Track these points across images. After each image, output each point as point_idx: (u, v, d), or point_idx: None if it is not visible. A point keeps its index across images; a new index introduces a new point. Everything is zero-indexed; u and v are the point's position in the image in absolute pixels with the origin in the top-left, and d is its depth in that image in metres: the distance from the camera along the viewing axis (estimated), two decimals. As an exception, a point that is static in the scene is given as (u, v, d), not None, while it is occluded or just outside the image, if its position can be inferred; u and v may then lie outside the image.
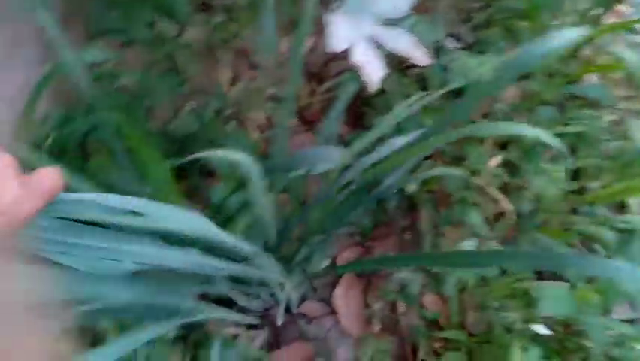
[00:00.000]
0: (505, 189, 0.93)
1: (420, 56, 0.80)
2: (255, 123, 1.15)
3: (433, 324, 0.94)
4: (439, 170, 0.89)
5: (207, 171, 1.12)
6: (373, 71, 0.74)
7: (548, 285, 0.77)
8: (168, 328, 0.77)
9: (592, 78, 1.07)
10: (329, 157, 0.70)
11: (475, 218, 0.80)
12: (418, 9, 0.91)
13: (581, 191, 0.88)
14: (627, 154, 0.86)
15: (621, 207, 0.88)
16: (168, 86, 1.05)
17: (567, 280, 0.80)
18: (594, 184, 0.85)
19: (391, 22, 0.82)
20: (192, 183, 1.07)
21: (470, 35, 1.06)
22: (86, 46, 1.03)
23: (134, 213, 0.47)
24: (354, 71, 0.73)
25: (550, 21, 0.97)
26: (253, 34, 1.21)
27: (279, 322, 0.88)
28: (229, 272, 0.71)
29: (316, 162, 0.72)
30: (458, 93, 1.00)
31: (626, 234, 0.70)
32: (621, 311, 0.86)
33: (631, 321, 0.84)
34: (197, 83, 1.14)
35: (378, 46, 0.79)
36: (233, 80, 1.18)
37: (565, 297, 0.75)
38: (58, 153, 0.96)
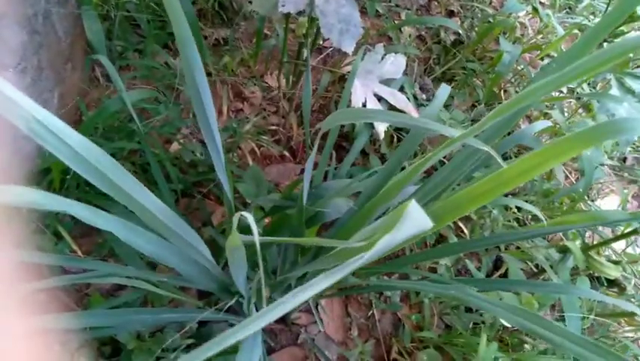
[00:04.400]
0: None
1: (411, 110, 1.00)
2: (245, 152, 1.28)
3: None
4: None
5: (208, 193, 1.23)
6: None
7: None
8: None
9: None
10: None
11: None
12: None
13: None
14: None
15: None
16: (173, 115, 1.16)
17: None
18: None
19: (387, 82, 1.02)
20: (193, 203, 1.18)
21: (433, 87, 1.28)
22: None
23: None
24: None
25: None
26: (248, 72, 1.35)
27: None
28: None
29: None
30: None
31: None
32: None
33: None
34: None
35: (380, 100, 0.98)
36: (227, 112, 1.30)
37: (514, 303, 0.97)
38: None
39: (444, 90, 0.75)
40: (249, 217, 0.31)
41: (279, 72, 1.29)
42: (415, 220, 0.26)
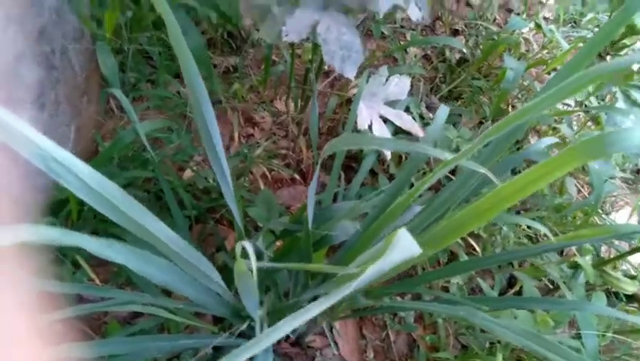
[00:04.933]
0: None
1: (417, 130, 1.01)
2: (257, 176, 1.30)
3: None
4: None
5: (221, 218, 1.25)
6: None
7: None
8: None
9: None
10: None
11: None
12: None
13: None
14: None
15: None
16: (185, 143, 1.18)
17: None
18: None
19: (392, 104, 1.03)
20: (207, 229, 1.20)
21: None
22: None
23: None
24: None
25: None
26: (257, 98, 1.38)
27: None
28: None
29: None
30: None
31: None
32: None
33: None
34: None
35: (386, 121, 0.99)
36: (238, 138, 1.33)
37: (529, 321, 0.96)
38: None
39: (443, 111, 0.77)
40: (249, 247, 0.33)
41: (287, 97, 1.32)
42: (404, 247, 0.27)
